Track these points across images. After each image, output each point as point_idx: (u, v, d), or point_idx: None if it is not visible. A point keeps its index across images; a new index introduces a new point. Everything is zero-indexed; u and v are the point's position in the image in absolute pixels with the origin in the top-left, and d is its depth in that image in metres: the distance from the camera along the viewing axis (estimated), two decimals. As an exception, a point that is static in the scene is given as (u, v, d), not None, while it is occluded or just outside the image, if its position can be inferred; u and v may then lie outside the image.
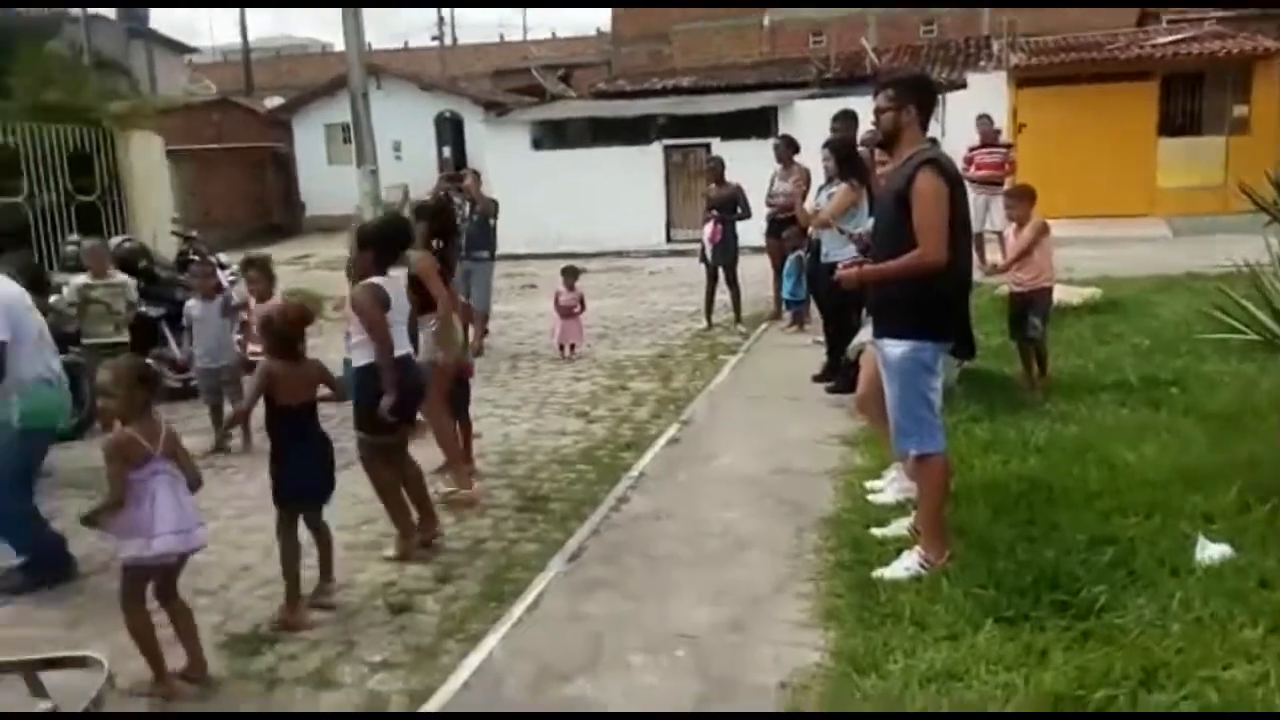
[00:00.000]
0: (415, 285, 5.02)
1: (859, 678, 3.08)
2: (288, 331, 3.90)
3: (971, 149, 11.77)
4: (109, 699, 1.97)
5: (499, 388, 7.90)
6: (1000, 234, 8.12)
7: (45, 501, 4.78)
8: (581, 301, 9.15)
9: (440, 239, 5.32)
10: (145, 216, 11.67)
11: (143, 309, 7.82)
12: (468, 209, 9.69)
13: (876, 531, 4.21)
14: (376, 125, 19.90)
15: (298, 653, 3.65)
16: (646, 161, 18.41)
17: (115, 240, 8.51)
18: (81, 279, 6.37)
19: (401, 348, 4.47)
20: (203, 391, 6.81)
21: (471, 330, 7.67)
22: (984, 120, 12.03)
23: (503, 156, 18.77)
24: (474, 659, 3.47)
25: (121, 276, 6.63)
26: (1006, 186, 9.77)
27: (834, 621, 3.52)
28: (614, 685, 3.23)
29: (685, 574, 4.07)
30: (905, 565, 3.79)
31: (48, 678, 2.41)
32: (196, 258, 9.05)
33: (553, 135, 19.68)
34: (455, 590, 4.13)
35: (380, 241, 4.56)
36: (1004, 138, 12.92)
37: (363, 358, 4.42)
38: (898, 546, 3.99)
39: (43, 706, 2.12)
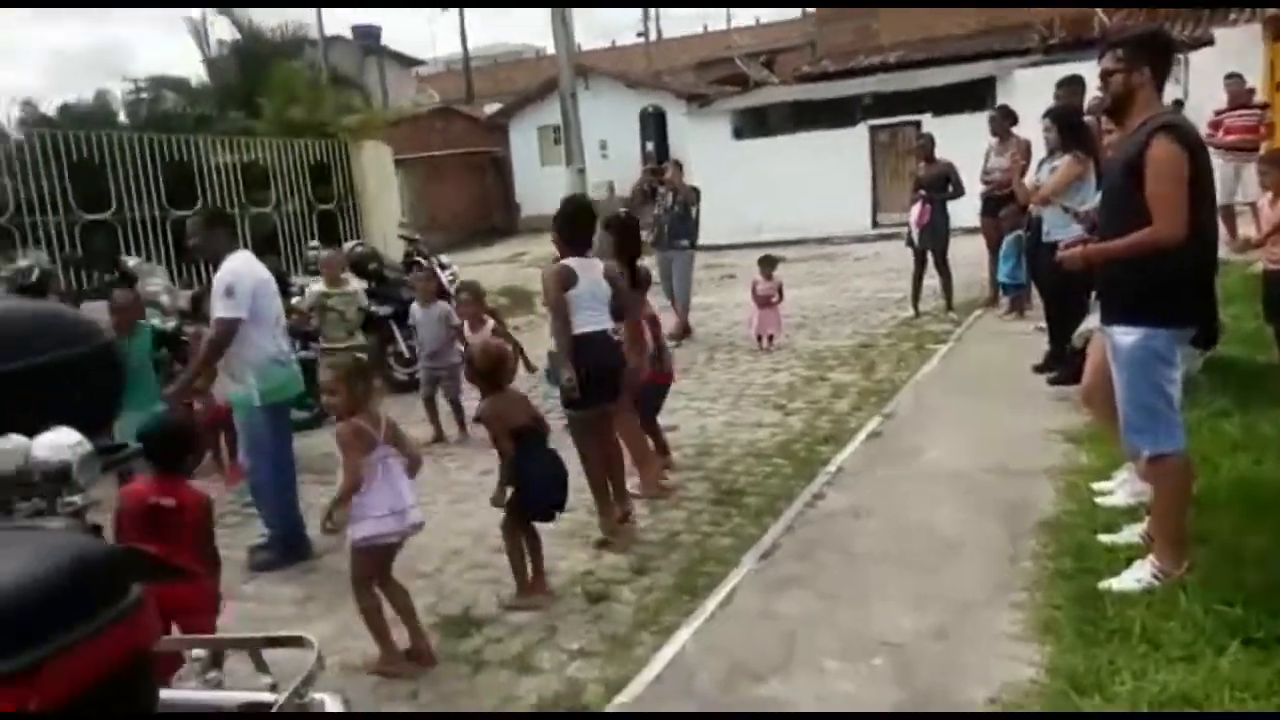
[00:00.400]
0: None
1: (1079, 698, 2.82)
2: (490, 370, 4.14)
3: (1218, 112, 10.57)
4: (319, 677, 2.09)
5: (695, 380, 7.89)
6: (1254, 205, 7.24)
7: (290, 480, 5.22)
8: (779, 291, 8.99)
9: (628, 255, 5.34)
10: (377, 221, 12.60)
11: (373, 308, 8.45)
12: (670, 199, 9.79)
13: (1104, 538, 3.85)
14: (584, 125, 20.56)
15: (503, 637, 3.79)
16: (851, 143, 17.89)
17: (348, 245, 9.20)
18: (319, 287, 6.94)
19: (598, 324, 4.56)
20: (422, 384, 7.23)
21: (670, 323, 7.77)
22: (1234, 80, 10.74)
23: (704, 147, 18.79)
24: (667, 652, 3.47)
25: (354, 285, 7.16)
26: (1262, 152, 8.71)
27: (1051, 635, 3.24)
28: (807, 689, 3.13)
29: (886, 576, 3.89)
30: (1136, 576, 3.44)
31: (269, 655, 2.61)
32: (420, 259, 9.66)
33: (754, 123, 19.52)
34: (650, 582, 4.15)
35: (563, 222, 4.69)
36: (1258, 98, 11.51)
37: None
38: (1128, 555, 3.63)
39: (265, 681, 2.29)
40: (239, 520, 5.47)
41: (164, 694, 2.35)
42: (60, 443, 1.55)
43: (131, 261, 7.35)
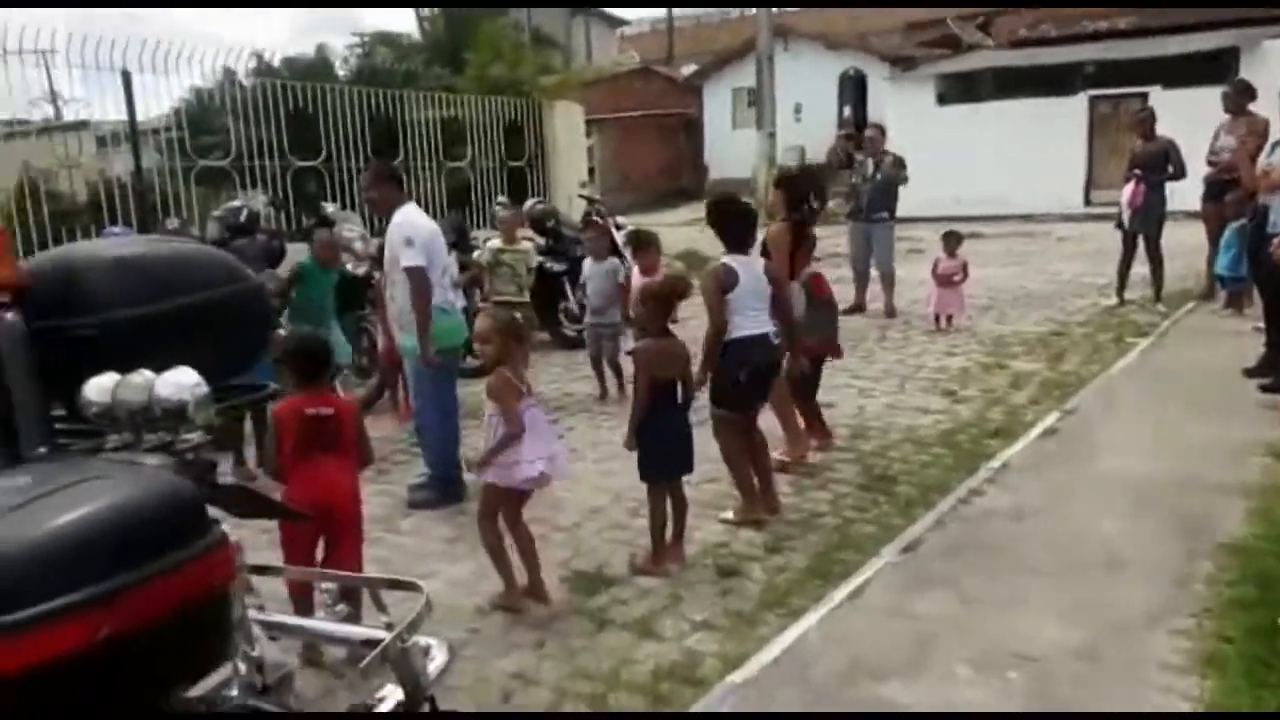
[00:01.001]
0: (765, 255, 4.99)
1: (1237, 745, 2.53)
2: (663, 297, 4.10)
3: None
4: (425, 620, 2.17)
5: (862, 358, 7.61)
6: None
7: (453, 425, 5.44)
8: (963, 269, 8.52)
9: (799, 207, 5.18)
10: (563, 180, 12.87)
11: (546, 265, 8.67)
12: (870, 167, 9.40)
13: (1297, 569, 3.43)
14: (779, 87, 20.23)
15: (629, 599, 3.82)
16: (1068, 114, 16.68)
17: (529, 203, 9.46)
18: (495, 243, 7.18)
19: (759, 326, 4.44)
20: (588, 342, 7.36)
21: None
22: None
23: (903, 114, 18.02)
24: (789, 636, 3.39)
25: (526, 244, 7.36)
26: None
27: (1215, 670, 2.93)
28: (931, 695, 2.97)
29: (1037, 584, 3.63)
30: (1329, 617, 3.05)
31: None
32: (597, 219, 9.81)
33: (959, 89, 18.53)
34: (783, 561, 4.06)
35: (722, 219, 4.57)
36: None
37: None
38: (1322, 592, 3.22)
39: (382, 620, 2.40)
40: (406, 459, 5.77)
41: (292, 620, 2.52)
42: (181, 382, 1.66)
43: (330, 208, 7.82)
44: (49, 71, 9.85)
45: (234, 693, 1.88)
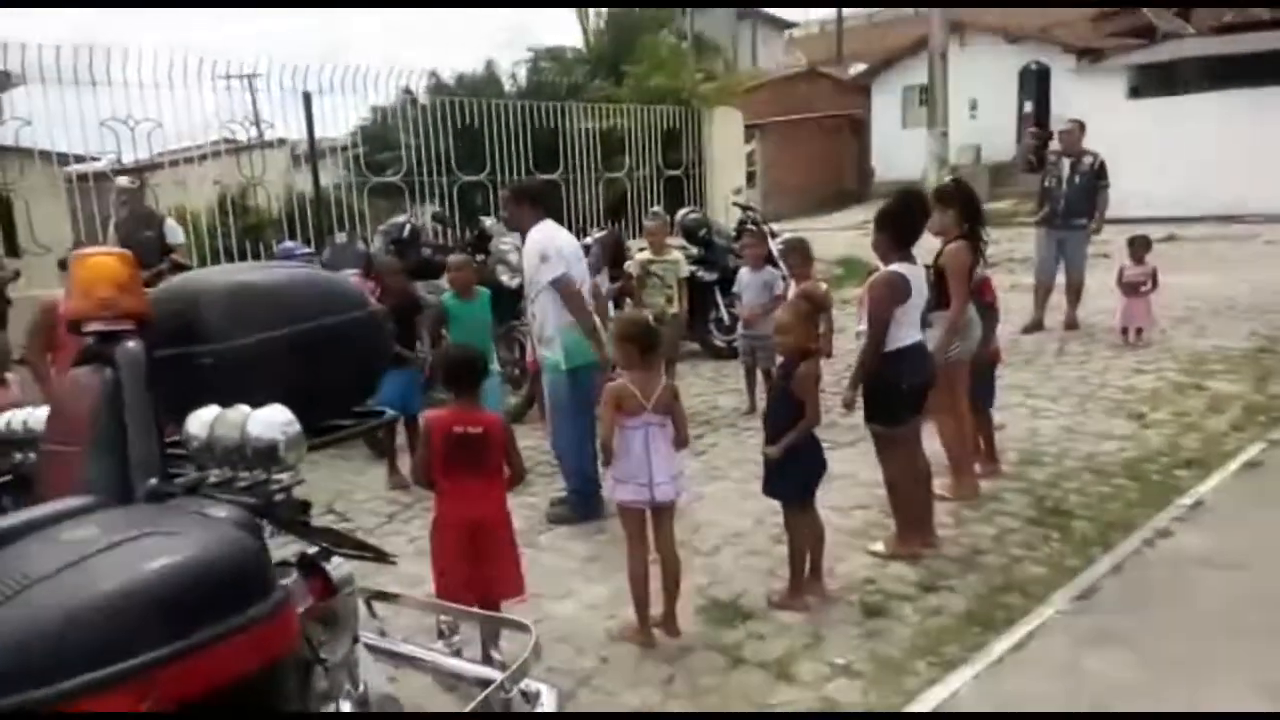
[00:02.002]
0: (939, 279, 4.67)
1: None
2: (805, 318, 3.85)
3: None
4: (532, 665, 2.08)
5: (1039, 373, 7.05)
6: None
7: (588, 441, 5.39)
8: (1152, 277, 7.75)
9: (973, 220, 4.81)
10: (721, 187, 12.70)
11: (698, 274, 8.53)
12: (1066, 168, 8.69)
13: None
14: (954, 83, 19.34)
15: (766, 635, 3.61)
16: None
17: (682, 212, 9.35)
18: (644, 254, 7.11)
19: (916, 335, 4.16)
20: (741, 354, 7.17)
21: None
22: None
23: (1090, 108, 16.67)
24: (940, 691, 3.10)
25: (676, 255, 7.25)
26: None
27: None
28: (1102, 771, 2.63)
29: (1234, 648, 3.17)
30: None
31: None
32: (752, 226, 9.59)
33: (1155, 80, 17.12)
34: (938, 603, 3.74)
35: (897, 223, 4.24)
36: None
37: (875, 346, 4.22)
38: None
39: (496, 657, 2.33)
40: (551, 471, 5.75)
41: (406, 650, 2.47)
42: (272, 420, 1.61)
43: (488, 221, 7.98)
44: (254, 94, 10.46)
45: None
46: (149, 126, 8.18)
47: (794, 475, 3.83)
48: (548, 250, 4.72)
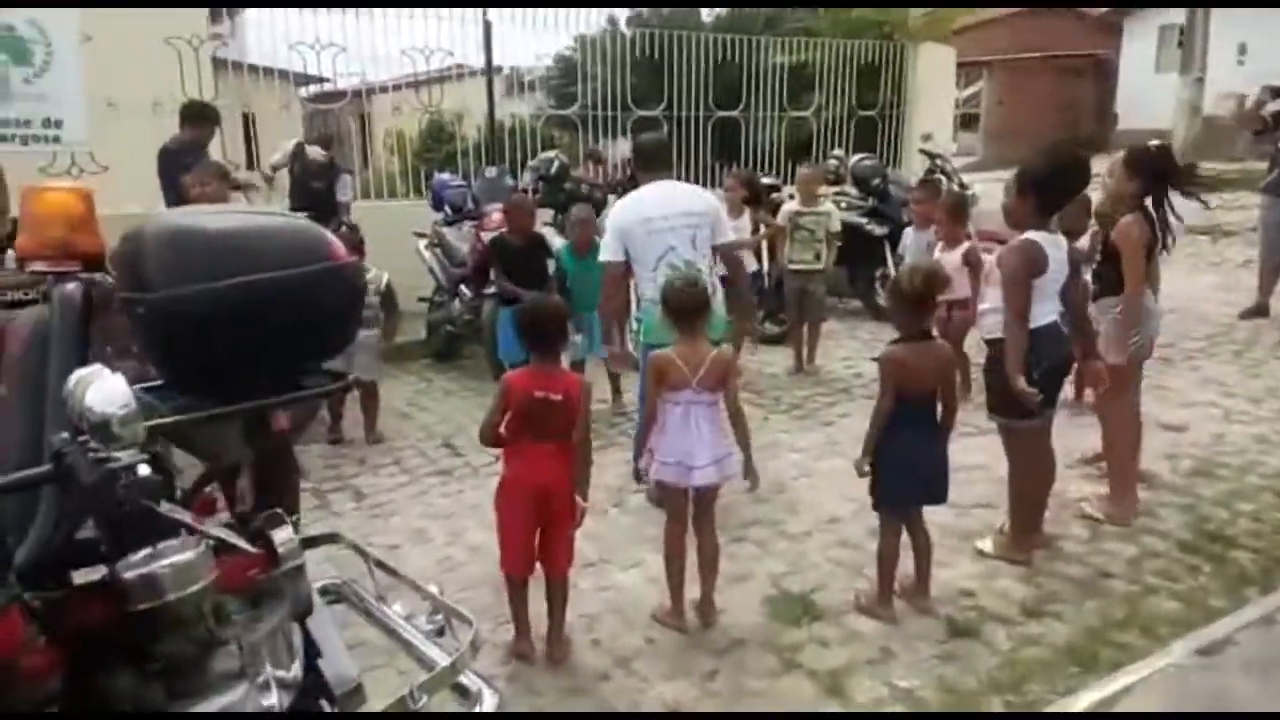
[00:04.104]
0: (1109, 256, 4.02)
1: None
2: (914, 296, 3.33)
3: None
4: (466, 664, 1.92)
5: (1245, 368, 6.06)
6: None
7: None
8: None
9: (1154, 195, 4.07)
10: (923, 130, 11.75)
11: (867, 227, 7.94)
12: None
13: None
14: (1220, 25, 17.01)
15: (831, 640, 3.27)
16: None
17: (855, 158, 8.71)
18: (792, 205, 6.64)
19: (1053, 313, 3.59)
20: (896, 317, 6.62)
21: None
22: None
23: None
24: (1001, 740, 2.68)
25: (828, 206, 6.72)
26: None
27: None
28: None
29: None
30: None
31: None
32: (942, 176, 8.81)
33: None
34: (1039, 631, 3.25)
35: (1045, 186, 3.62)
36: None
37: (994, 328, 3.67)
38: None
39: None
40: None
41: (382, 617, 2.35)
42: (107, 395, 1.45)
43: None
44: (489, 30, 10.37)
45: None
46: (334, 51, 8.47)
47: (885, 485, 3.45)
48: (609, 224, 4.42)
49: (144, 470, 1.72)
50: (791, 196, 7.11)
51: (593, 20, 11.85)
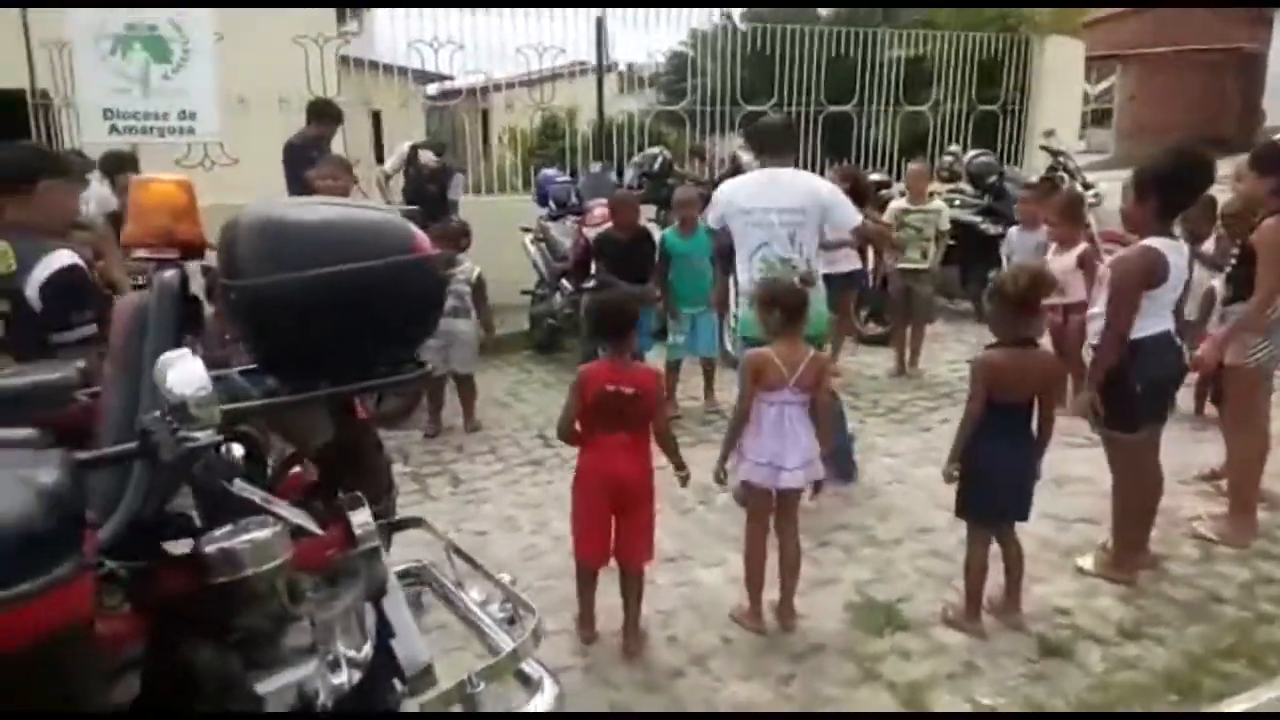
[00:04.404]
0: (1246, 259, 3.79)
1: None
2: (1016, 299, 3.18)
3: None
4: (527, 654, 1.97)
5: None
6: None
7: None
8: None
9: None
10: (1045, 127, 11.26)
11: (981, 226, 7.68)
12: None
13: None
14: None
15: (915, 652, 3.18)
16: None
17: (969, 154, 8.43)
18: (899, 203, 6.48)
19: (1157, 326, 3.40)
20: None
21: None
22: None
23: None
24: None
25: (938, 204, 6.52)
26: None
27: None
28: None
29: None
30: None
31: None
32: (1064, 174, 8.45)
33: None
34: (1136, 654, 3.09)
35: (1166, 188, 3.41)
36: None
37: (1099, 335, 3.50)
38: None
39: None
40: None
41: (457, 601, 2.40)
42: (184, 377, 1.51)
43: (745, 156, 7.64)
44: (601, 29, 10.46)
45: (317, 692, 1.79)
46: (452, 49, 8.71)
47: (970, 494, 3.35)
48: (712, 204, 4.38)
49: (236, 450, 1.83)
50: (902, 194, 6.93)
51: (707, 16, 11.86)
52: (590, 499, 3.20)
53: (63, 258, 3.02)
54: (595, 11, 9.33)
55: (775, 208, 4.19)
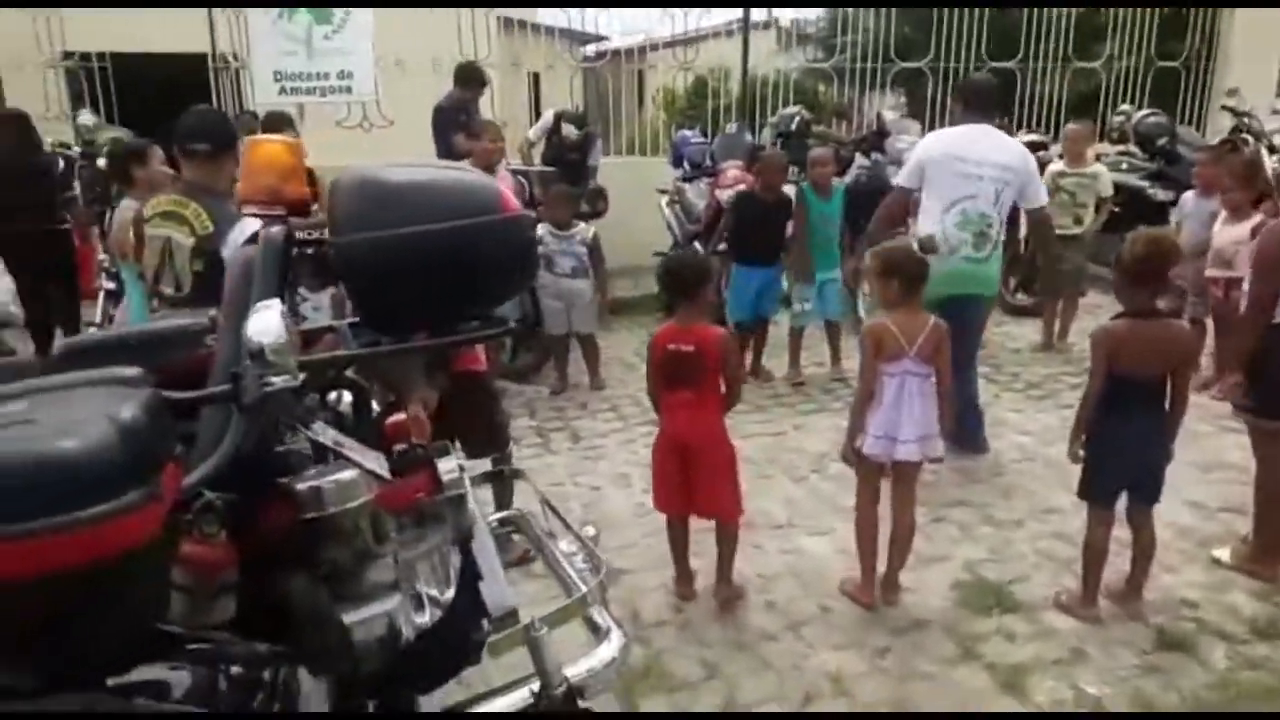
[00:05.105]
0: None
1: None
2: (1138, 263, 3.01)
3: None
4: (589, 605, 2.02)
5: None
6: None
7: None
8: None
9: None
10: (1237, 85, 10.28)
11: (1149, 191, 7.14)
12: None
13: None
14: None
15: (1020, 635, 3.07)
16: None
17: (1139, 114, 7.81)
18: (1057, 165, 6.10)
19: None
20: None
21: None
22: None
23: None
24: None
25: (1096, 168, 6.10)
26: None
27: None
28: None
29: None
30: None
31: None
32: (1246, 137, 7.72)
33: None
34: (1265, 654, 2.88)
35: None
36: None
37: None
38: None
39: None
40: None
41: (546, 541, 2.49)
42: (265, 324, 1.61)
43: (889, 115, 7.38)
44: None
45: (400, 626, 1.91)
46: (597, 11, 8.78)
47: (1093, 472, 3.20)
48: (913, 154, 4.31)
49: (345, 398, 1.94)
50: (1060, 156, 6.53)
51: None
52: (659, 453, 3.32)
53: (252, 225, 3.25)
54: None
55: (989, 161, 4.15)
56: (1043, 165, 6.56)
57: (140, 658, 1.49)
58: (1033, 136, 7.89)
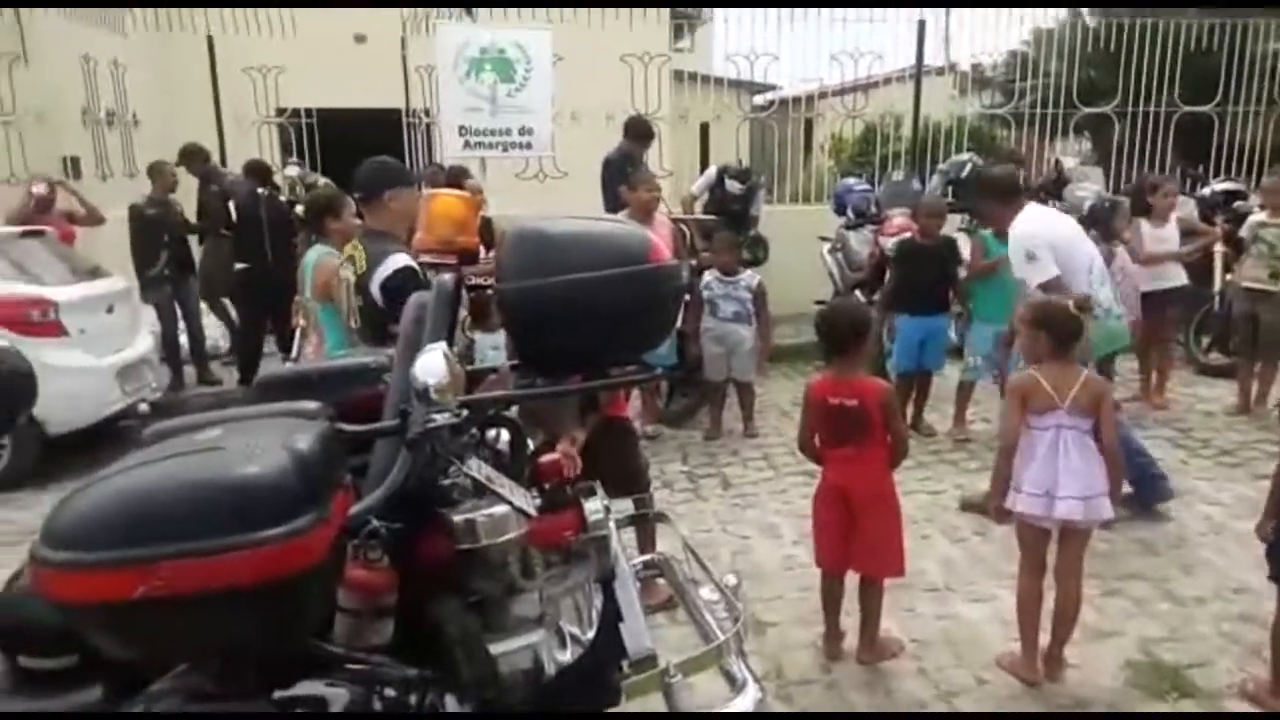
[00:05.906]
0: None
1: None
2: None
3: None
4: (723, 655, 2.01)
5: None
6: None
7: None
8: None
9: None
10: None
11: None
12: None
13: None
14: None
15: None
16: None
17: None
18: (1258, 216, 5.65)
19: None
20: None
21: None
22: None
23: None
24: None
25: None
26: None
27: None
28: None
29: None
30: None
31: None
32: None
33: None
34: None
35: None
36: None
37: None
38: None
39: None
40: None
41: (693, 602, 2.51)
42: (430, 366, 1.72)
43: (1070, 162, 7.07)
44: (922, 30, 10.15)
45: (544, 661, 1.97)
46: (767, 60, 8.87)
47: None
48: (1033, 250, 4.12)
49: (499, 439, 2.05)
50: (1262, 206, 6.07)
51: (1053, 14, 11.08)
52: (820, 509, 3.26)
53: (398, 260, 3.46)
54: (923, 12, 9.05)
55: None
56: (1241, 215, 6.13)
57: (303, 673, 1.61)
58: (1229, 185, 7.36)
